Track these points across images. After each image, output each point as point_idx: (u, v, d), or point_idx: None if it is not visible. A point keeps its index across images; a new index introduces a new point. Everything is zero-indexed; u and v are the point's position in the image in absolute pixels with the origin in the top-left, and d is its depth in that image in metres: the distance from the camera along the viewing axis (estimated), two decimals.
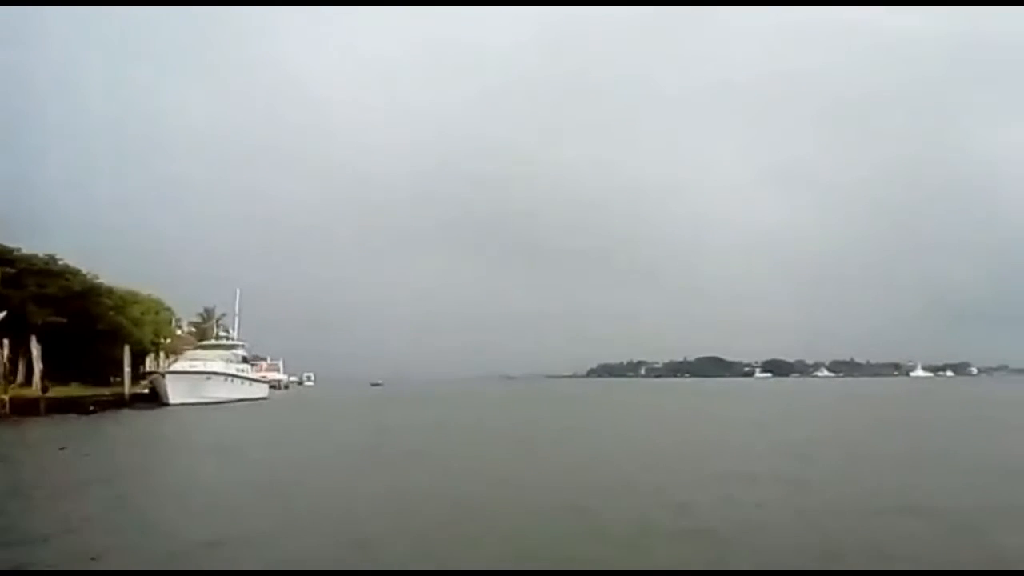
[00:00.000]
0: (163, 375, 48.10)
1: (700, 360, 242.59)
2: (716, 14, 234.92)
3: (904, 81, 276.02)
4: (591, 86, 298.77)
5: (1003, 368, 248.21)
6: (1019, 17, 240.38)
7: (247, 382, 55.29)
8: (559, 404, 56.44)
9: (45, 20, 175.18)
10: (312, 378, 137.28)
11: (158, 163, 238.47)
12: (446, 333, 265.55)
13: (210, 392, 48.02)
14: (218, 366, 51.24)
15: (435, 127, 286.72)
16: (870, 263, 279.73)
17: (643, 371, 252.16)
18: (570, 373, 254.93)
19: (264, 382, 64.02)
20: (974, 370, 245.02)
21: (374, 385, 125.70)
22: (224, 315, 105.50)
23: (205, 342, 60.55)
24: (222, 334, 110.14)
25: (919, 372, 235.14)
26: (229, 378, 51.70)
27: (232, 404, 48.19)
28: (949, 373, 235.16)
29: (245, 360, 59.32)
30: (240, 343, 61.18)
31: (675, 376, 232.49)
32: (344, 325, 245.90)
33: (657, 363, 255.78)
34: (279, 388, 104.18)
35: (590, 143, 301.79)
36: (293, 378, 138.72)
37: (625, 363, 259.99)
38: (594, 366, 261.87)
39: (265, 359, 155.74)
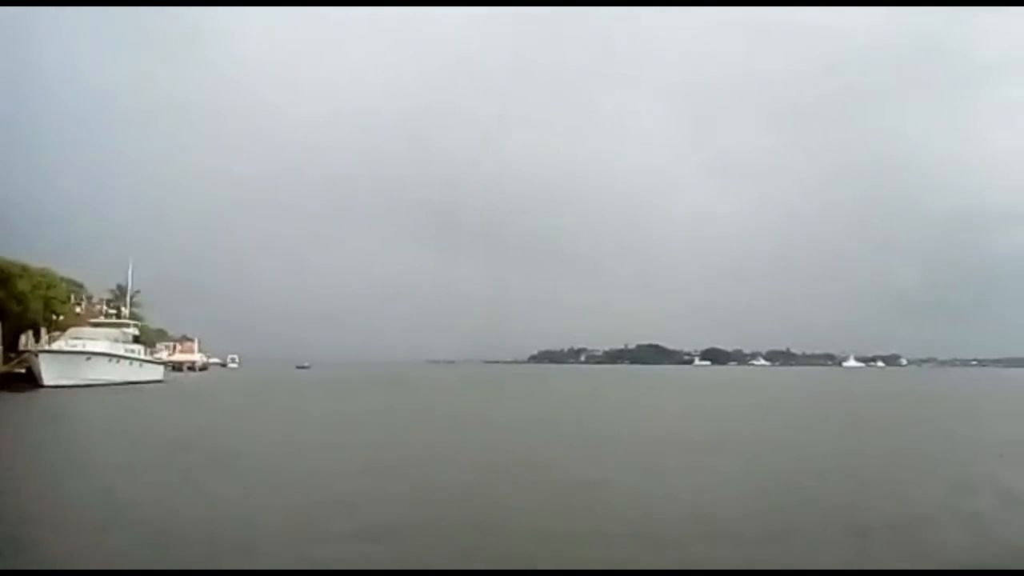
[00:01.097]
0: (36, 354, 45.54)
1: (640, 348, 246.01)
2: (668, 13, 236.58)
3: (841, 80, 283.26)
4: (539, 73, 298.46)
5: (931, 360, 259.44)
6: (955, 20, 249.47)
7: (137, 363, 52.90)
8: (454, 390, 56.06)
9: None
10: (237, 360, 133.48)
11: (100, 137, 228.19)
12: (383, 316, 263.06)
13: (91, 374, 45.64)
14: (103, 345, 48.80)
15: (378, 107, 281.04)
16: (807, 256, 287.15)
17: (583, 358, 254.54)
18: (511, 359, 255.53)
19: (159, 363, 61.51)
20: (904, 361, 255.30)
21: (300, 368, 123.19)
22: (138, 292, 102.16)
23: (94, 320, 57.63)
24: (136, 311, 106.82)
25: (851, 363, 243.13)
26: (114, 359, 49.35)
27: (117, 387, 45.94)
28: (880, 364, 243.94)
29: (137, 340, 56.75)
30: (131, 321, 58.49)
31: (615, 363, 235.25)
32: (281, 306, 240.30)
33: (598, 350, 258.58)
34: (195, 370, 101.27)
35: (535, 130, 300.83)
36: (215, 360, 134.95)
37: (566, 350, 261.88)
38: (535, 352, 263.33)
39: (193, 340, 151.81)
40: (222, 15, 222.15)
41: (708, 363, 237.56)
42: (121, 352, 51.10)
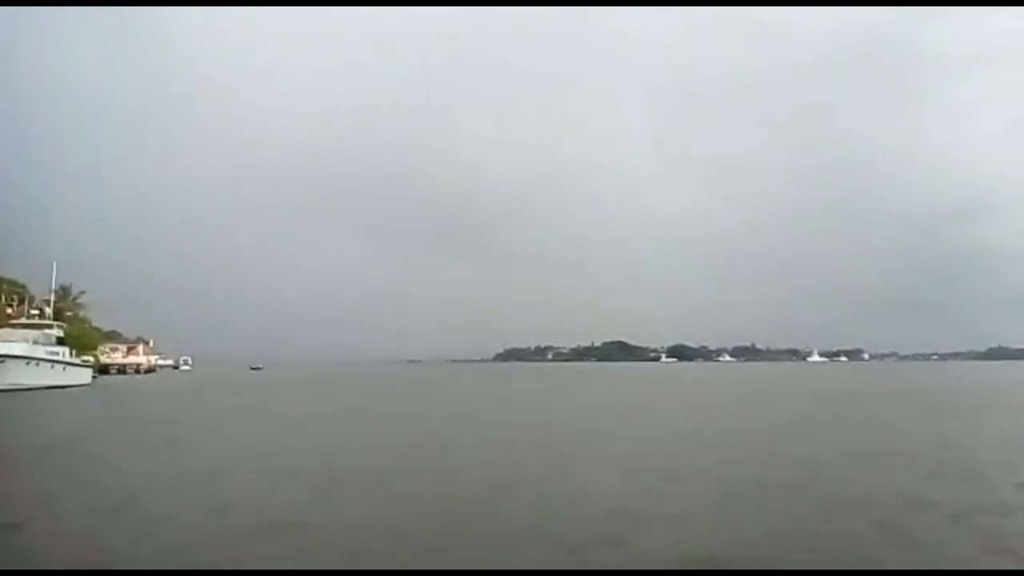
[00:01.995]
0: None
1: (607, 345, 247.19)
2: (643, 13, 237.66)
3: (806, 81, 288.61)
4: (512, 73, 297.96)
5: (893, 355, 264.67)
6: (920, 19, 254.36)
7: (60, 367, 50.24)
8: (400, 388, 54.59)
9: None
10: (190, 361, 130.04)
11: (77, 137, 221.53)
12: (347, 316, 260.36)
13: (6, 378, 43.12)
14: (19, 348, 46.16)
15: (348, 106, 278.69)
16: (772, 253, 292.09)
17: (550, 356, 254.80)
18: (478, 357, 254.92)
19: (86, 366, 58.68)
20: (866, 356, 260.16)
21: (254, 369, 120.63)
22: (83, 292, 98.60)
23: (15, 321, 54.70)
24: (82, 313, 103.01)
25: (815, 358, 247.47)
26: (32, 362, 46.72)
27: (34, 392, 43.34)
28: (843, 359, 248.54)
29: (61, 341, 53.96)
30: (53, 323, 55.61)
31: (582, 360, 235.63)
32: (240, 307, 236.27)
33: (564, 348, 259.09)
34: (141, 372, 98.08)
35: (504, 129, 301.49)
36: (166, 361, 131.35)
37: (532, 348, 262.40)
38: (501, 351, 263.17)
39: (148, 342, 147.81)
40: (199, 15, 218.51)
41: (675, 360, 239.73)
42: (42, 355, 48.45)
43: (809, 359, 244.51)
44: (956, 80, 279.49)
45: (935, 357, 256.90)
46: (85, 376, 55.17)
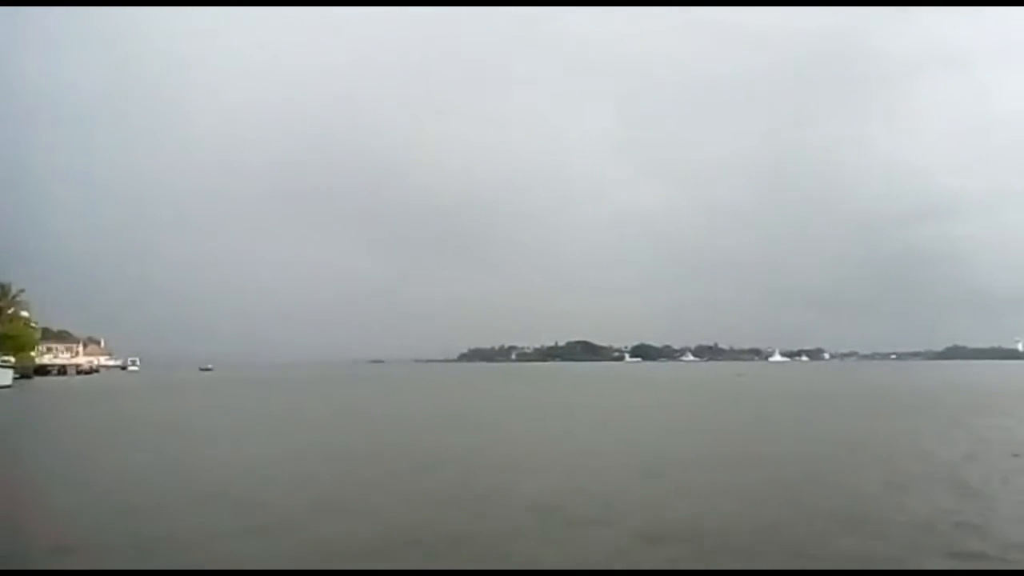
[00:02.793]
0: None
1: (570, 345, 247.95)
2: (600, 14, 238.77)
3: (766, 83, 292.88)
4: (471, 72, 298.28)
5: (853, 355, 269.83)
6: (871, 23, 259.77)
7: None
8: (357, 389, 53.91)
9: None
10: (137, 362, 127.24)
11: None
12: (310, 315, 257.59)
13: None
14: None
15: (299, 102, 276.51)
16: (735, 254, 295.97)
17: (514, 356, 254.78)
18: (441, 357, 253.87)
19: (6, 366, 56.84)
20: (827, 356, 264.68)
21: (203, 370, 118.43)
22: (23, 291, 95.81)
23: None
24: (23, 312, 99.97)
25: (777, 357, 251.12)
26: None
27: None
28: (804, 358, 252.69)
29: None
30: None
31: (546, 360, 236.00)
32: (201, 307, 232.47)
33: (528, 348, 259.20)
34: (82, 373, 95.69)
35: (467, 130, 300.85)
36: (114, 362, 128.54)
37: (496, 348, 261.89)
38: (465, 350, 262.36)
39: (99, 342, 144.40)
40: (145, 15, 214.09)
41: (639, 359, 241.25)
42: None
43: (771, 359, 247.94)
44: (905, 84, 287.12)
45: (894, 357, 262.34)
46: (6, 377, 53.40)
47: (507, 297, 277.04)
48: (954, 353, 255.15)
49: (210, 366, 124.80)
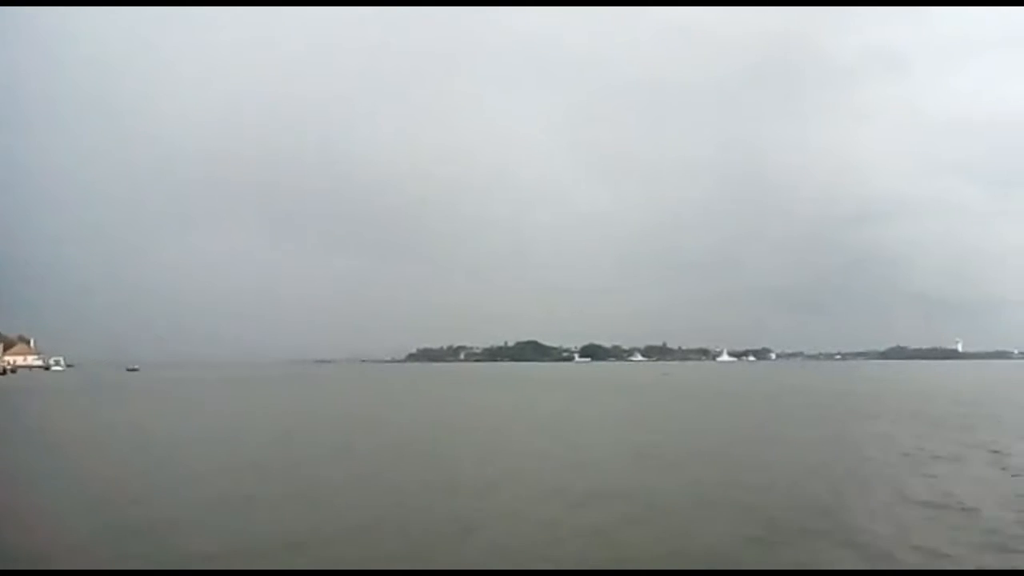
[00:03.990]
0: None
1: (520, 345, 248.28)
2: (553, 12, 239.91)
3: (721, 80, 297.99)
4: (421, 72, 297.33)
5: (799, 355, 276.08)
6: (818, 21, 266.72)
7: None
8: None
9: None
10: (61, 362, 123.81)
11: None
12: (253, 314, 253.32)
13: None
14: None
15: (236, 101, 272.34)
16: (683, 254, 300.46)
17: (463, 356, 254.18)
18: (389, 358, 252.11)
19: None
20: (773, 355, 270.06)
21: (130, 370, 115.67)
22: None
23: None
24: None
25: (725, 357, 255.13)
26: None
27: None
28: (751, 358, 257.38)
29: None
30: None
31: (495, 360, 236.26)
32: (140, 306, 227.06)
33: (477, 348, 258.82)
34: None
35: (413, 128, 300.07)
36: (38, 362, 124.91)
37: (445, 348, 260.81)
38: (413, 351, 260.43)
39: (28, 341, 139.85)
40: (83, 15, 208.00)
41: (588, 359, 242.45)
42: None
43: (719, 359, 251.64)
44: (848, 87, 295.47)
45: (839, 357, 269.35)
46: None
47: (456, 297, 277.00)
48: (897, 353, 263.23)
49: (136, 366, 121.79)
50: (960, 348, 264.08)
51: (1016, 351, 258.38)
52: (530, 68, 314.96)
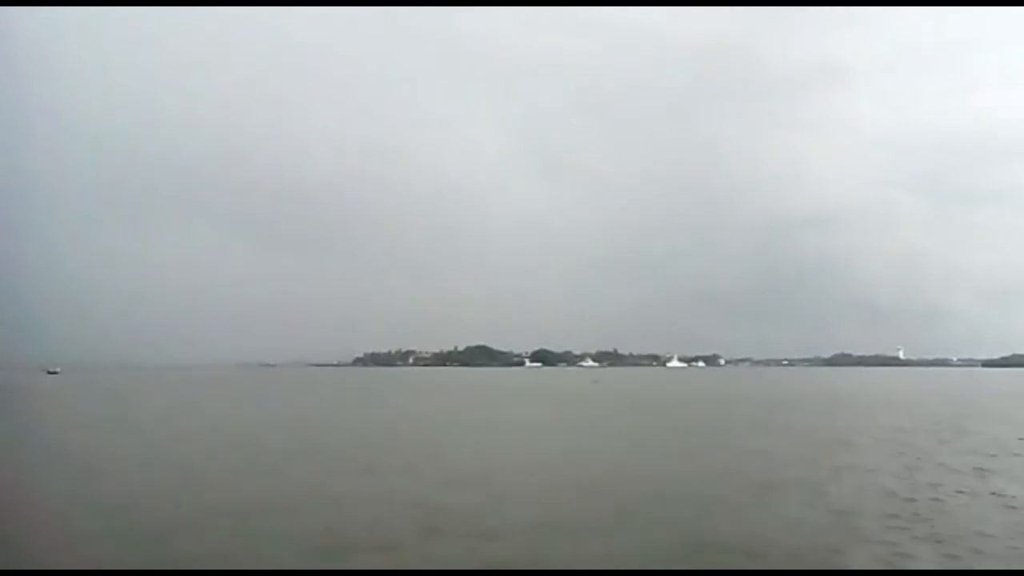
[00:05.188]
0: None
1: (469, 349, 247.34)
2: (497, 13, 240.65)
3: (672, 88, 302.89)
4: (370, 73, 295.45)
5: (747, 360, 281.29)
6: (766, 29, 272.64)
7: None
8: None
9: None
10: None
11: None
12: (196, 315, 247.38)
13: None
14: None
15: (179, 100, 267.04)
16: (634, 259, 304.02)
17: (411, 360, 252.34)
18: (336, 361, 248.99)
19: None
20: (723, 361, 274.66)
21: (50, 373, 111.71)
22: None
23: None
24: None
25: (675, 363, 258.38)
26: None
27: None
28: (701, 364, 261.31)
29: None
30: None
31: (444, 365, 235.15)
32: (69, 306, 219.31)
33: (426, 353, 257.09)
34: None
35: (363, 129, 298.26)
36: None
37: (393, 352, 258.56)
38: (361, 355, 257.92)
39: None
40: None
41: (539, 364, 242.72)
42: None
43: (669, 364, 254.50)
44: (796, 97, 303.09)
45: (785, 363, 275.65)
46: None
47: (406, 301, 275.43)
48: (842, 360, 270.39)
49: (57, 368, 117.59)
50: (902, 355, 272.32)
51: (955, 358, 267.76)
52: (482, 71, 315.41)
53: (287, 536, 10.59)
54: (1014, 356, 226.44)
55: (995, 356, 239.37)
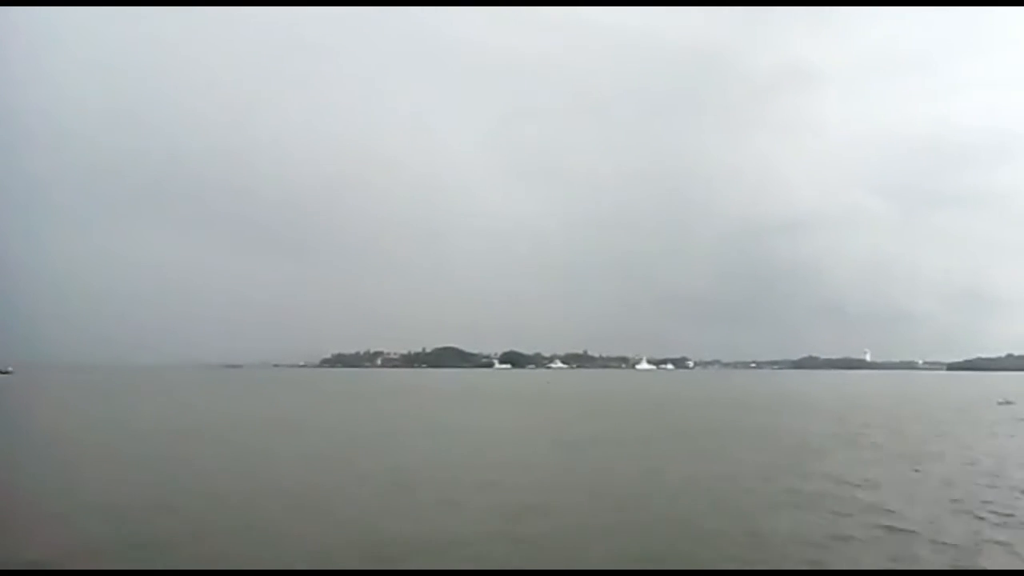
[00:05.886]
0: None
1: (439, 351, 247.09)
2: (476, 12, 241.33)
3: (646, 92, 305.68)
4: (339, 71, 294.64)
5: (716, 363, 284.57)
6: (741, 34, 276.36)
7: None
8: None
9: None
10: None
11: None
12: (161, 314, 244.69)
13: None
14: None
15: (152, 102, 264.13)
16: (604, 262, 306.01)
17: (379, 362, 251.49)
18: (302, 362, 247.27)
19: None
20: (691, 364, 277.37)
21: (3, 373, 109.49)
22: None
23: None
24: None
25: (644, 365, 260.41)
26: None
27: None
28: (670, 366, 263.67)
29: None
30: None
31: (413, 367, 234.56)
32: (36, 303, 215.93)
33: (394, 354, 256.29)
34: None
35: (331, 127, 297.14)
36: None
37: (361, 353, 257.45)
38: (328, 356, 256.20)
39: None
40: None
41: (508, 366, 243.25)
42: None
43: (638, 367, 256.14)
44: (771, 104, 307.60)
45: (754, 365, 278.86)
46: None
47: (374, 302, 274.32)
48: (809, 363, 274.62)
49: (10, 368, 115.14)
50: (869, 358, 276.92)
51: (921, 361, 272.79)
52: (457, 72, 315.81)
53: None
54: (978, 359, 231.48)
55: (960, 359, 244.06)
